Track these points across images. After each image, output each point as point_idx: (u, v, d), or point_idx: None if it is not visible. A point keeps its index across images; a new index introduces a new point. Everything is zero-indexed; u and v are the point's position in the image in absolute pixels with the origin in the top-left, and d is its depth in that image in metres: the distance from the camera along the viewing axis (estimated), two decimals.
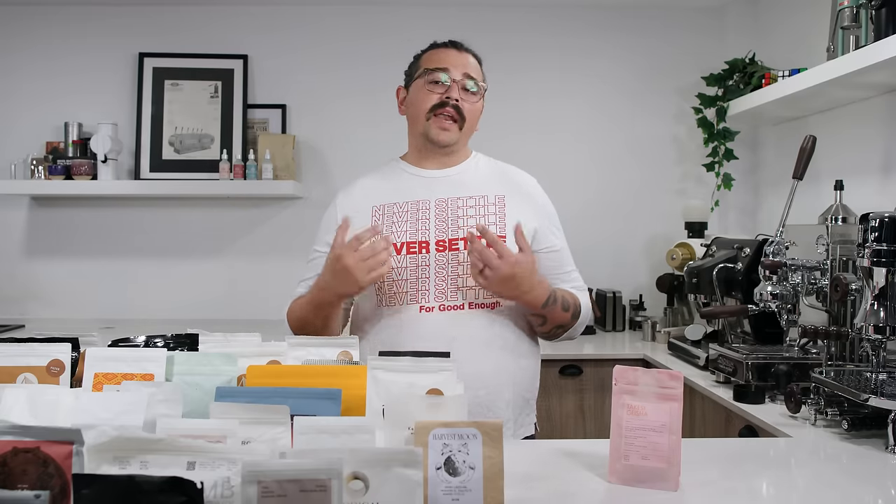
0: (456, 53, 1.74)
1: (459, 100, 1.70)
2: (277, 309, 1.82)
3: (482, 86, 1.75)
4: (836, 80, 2.28)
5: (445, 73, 1.71)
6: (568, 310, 1.69)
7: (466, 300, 1.65)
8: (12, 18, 3.43)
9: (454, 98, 1.70)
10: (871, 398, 1.51)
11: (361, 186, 1.80)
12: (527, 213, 1.72)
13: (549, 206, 1.81)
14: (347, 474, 0.89)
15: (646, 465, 1.22)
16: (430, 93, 1.71)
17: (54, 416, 1.08)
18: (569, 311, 1.69)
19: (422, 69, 1.74)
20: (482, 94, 1.76)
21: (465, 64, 1.73)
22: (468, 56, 1.75)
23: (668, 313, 3.14)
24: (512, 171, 1.82)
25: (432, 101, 1.71)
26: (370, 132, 3.37)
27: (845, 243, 1.99)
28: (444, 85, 1.70)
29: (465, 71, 1.72)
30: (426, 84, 1.72)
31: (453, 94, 1.70)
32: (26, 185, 3.27)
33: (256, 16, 3.46)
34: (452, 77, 1.70)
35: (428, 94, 1.72)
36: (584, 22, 3.47)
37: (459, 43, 1.78)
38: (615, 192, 3.46)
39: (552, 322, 1.69)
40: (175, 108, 3.40)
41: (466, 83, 1.71)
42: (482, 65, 1.79)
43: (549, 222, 1.77)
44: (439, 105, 1.70)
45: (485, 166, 1.81)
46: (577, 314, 1.72)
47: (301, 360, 1.32)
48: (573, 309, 1.71)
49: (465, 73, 1.72)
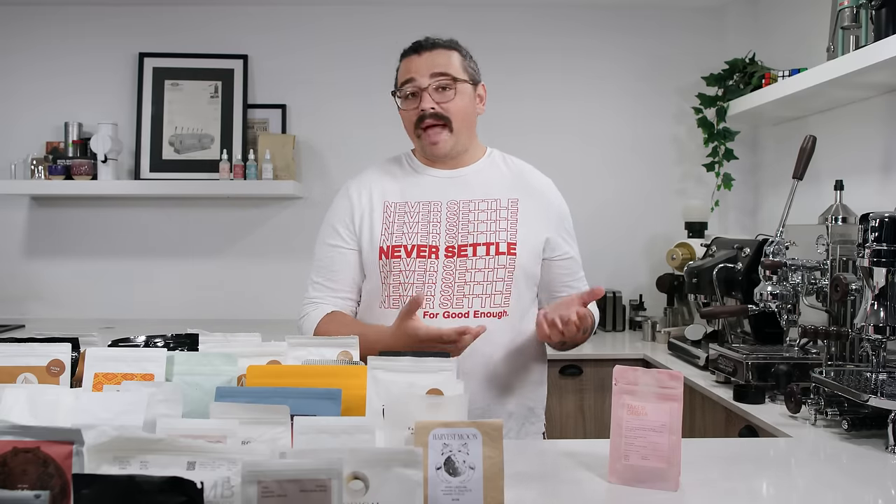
0: (418, 58, 1.68)
1: (435, 105, 1.66)
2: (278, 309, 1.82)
3: (459, 76, 1.68)
4: (836, 80, 2.28)
5: (412, 83, 1.66)
6: (586, 332, 1.67)
7: (472, 308, 1.64)
8: (12, 18, 3.43)
9: (428, 108, 1.65)
10: (871, 398, 1.51)
11: (373, 180, 1.77)
12: (539, 220, 1.70)
13: (564, 212, 1.77)
14: (347, 474, 0.89)
15: (646, 465, 1.22)
16: (406, 111, 1.70)
17: (54, 416, 1.08)
18: (587, 332, 1.67)
19: (396, 87, 1.72)
20: (465, 82, 1.68)
21: (430, 65, 1.66)
22: (434, 54, 1.67)
23: (668, 313, 3.14)
24: (528, 173, 1.78)
25: (412, 119, 1.69)
26: (370, 132, 3.37)
27: (845, 243, 1.99)
28: (416, 97, 1.67)
29: (431, 71, 1.66)
30: (402, 103, 1.71)
31: (426, 104, 1.65)
32: (26, 185, 3.27)
33: (256, 16, 3.46)
34: (419, 85, 1.66)
35: (406, 113, 1.70)
36: (584, 22, 3.47)
37: (422, 42, 1.70)
38: (615, 191, 3.46)
39: (569, 344, 1.68)
40: (175, 108, 3.40)
41: (439, 82, 1.66)
42: (459, 48, 1.72)
43: (563, 228, 1.74)
44: (419, 121, 1.67)
45: (500, 166, 1.77)
46: (589, 328, 1.67)
47: (301, 360, 1.32)
48: (590, 328, 1.69)
49: (433, 73, 1.66)
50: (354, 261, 1.72)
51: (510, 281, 1.65)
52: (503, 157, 1.81)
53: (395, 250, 1.66)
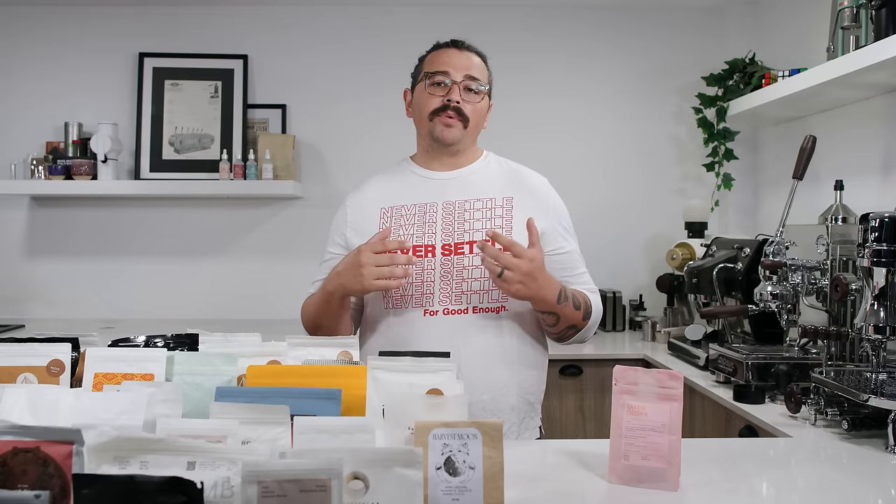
0: (457, 53, 1.73)
1: (461, 101, 1.70)
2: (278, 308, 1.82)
3: (485, 85, 1.74)
4: (836, 80, 2.28)
5: (446, 75, 1.70)
6: (579, 308, 1.66)
7: (471, 305, 1.64)
8: (12, 18, 3.43)
9: (455, 100, 1.69)
10: (871, 398, 1.51)
11: (370, 188, 1.80)
12: (535, 216, 1.69)
13: (560, 208, 1.78)
14: (347, 474, 0.89)
15: (646, 465, 1.22)
16: (431, 96, 1.71)
17: (54, 416, 1.08)
18: (580, 309, 1.67)
19: (424, 72, 1.74)
20: (486, 93, 1.75)
21: (467, 65, 1.72)
22: (470, 55, 1.74)
23: (668, 313, 3.14)
24: (523, 172, 1.80)
25: (434, 105, 1.70)
26: (370, 132, 3.37)
27: (845, 243, 1.99)
28: (445, 87, 1.70)
29: (466, 72, 1.71)
30: (427, 87, 1.72)
31: (454, 96, 1.69)
32: (26, 185, 3.27)
33: (256, 16, 3.46)
34: (453, 79, 1.70)
35: (429, 98, 1.71)
36: (584, 22, 3.47)
37: (461, 42, 1.76)
38: (615, 191, 3.46)
39: (565, 321, 1.66)
40: (175, 108, 3.40)
41: (469, 84, 1.71)
42: (487, 61, 1.78)
43: (559, 224, 1.75)
44: (441, 108, 1.70)
45: (495, 167, 1.80)
46: (588, 314, 1.69)
47: (301, 360, 1.32)
48: (584, 308, 1.68)
49: (467, 75, 1.71)
50: None
51: None
52: (498, 158, 1.83)
53: None
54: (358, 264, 1.55)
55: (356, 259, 1.56)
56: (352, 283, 1.57)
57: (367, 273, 1.54)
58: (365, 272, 1.54)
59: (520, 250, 1.52)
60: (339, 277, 1.59)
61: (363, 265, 1.54)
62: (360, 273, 1.54)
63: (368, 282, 1.54)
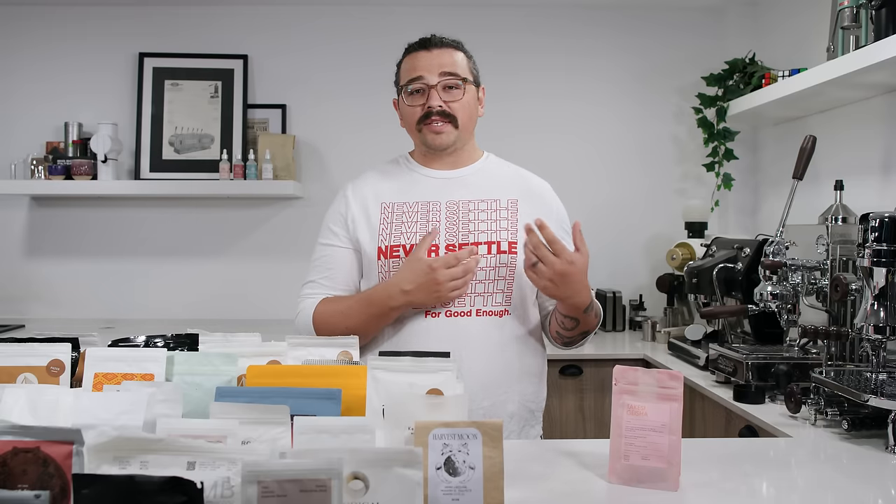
0: (427, 55, 1.68)
1: (443, 103, 1.66)
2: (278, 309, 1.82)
3: (466, 76, 1.69)
4: (836, 80, 2.28)
5: (420, 80, 1.67)
6: (598, 316, 1.69)
7: (474, 307, 1.64)
8: (12, 18, 3.43)
9: (436, 106, 1.66)
10: (871, 398, 1.51)
11: (371, 181, 1.77)
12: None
13: (562, 213, 1.78)
14: (347, 474, 0.89)
15: (646, 465, 1.22)
16: (411, 107, 1.69)
17: (54, 416, 1.08)
18: (598, 317, 1.69)
19: (400, 83, 1.72)
20: (471, 83, 1.70)
21: (440, 63, 1.67)
22: (442, 52, 1.68)
23: (668, 313, 3.14)
24: (526, 175, 1.80)
25: (417, 115, 1.68)
26: (370, 132, 3.37)
27: (845, 243, 1.99)
28: (423, 94, 1.67)
29: (441, 70, 1.66)
30: (406, 99, 1.70)
31: (434, 101, 1.66)
32: (26, 185, 3.27)
33: (256, 16, 3.46)
34: (428, 83, 1.66)
35: (411, 109, 1.69)
36: (584, 22, 3.47)
37: (430, 39, 1.71)
38: (615, 191, 3.46)
39: (582, 327, 1.67)
40: (175, 108, 3.40)
41: (447, 82, 1.67)
42: (463, 48, 1.73)
43: (562, 228, 1.74)
44: (425, 117, 1.67)
45: (498, 168, 1.79)
46: (599, 321, 1.71)
47: (301, 360, 1.32)
48: (597, 314, 1.70)
49: (442, 72, 1.66)
50: (350, 258, 1.72)
51: (511, 280, 1.65)
52: (500, 160, 1.82)
53: (394, 250, 1.66)
54: (435, 282, 1.57)
55: (432, 278, 1.56)
56: (428, 301, 1.60)
57: (445, 289, 1.58)
58: (442, 289, 1.57)
59: (560, 248, 1.52)
60: (410, 296, 1.59)
61: (440, 283, 1.57)
62: (437, 290, 1.57)
63: (447, 296, 1.59)
